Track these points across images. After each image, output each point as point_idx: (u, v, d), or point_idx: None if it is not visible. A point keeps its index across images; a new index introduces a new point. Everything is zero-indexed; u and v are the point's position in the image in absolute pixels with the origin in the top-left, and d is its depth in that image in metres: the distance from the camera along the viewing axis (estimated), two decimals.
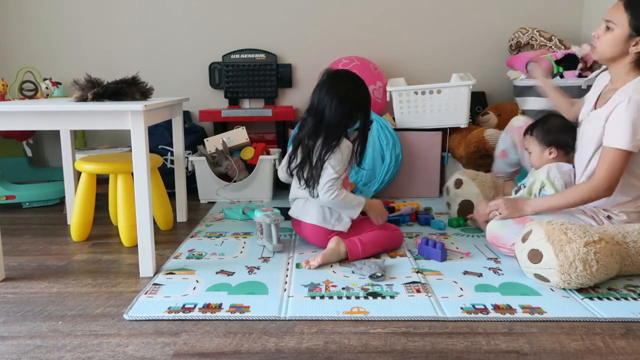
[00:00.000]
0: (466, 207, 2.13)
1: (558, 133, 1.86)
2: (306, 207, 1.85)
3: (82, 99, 1.75)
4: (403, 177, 2.65)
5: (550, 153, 1.87)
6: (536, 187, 1.82)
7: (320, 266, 1.70)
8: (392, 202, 2.32)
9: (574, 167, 1.82)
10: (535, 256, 1.49)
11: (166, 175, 2.37)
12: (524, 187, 1.90)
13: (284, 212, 1.98)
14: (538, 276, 1.51)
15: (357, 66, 2.73)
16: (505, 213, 1.74)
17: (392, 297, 1.47)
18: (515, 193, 1.94)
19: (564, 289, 1.49)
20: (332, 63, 2.85)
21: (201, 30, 3.02)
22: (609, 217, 1.73)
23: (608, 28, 1.62)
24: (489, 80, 3.01)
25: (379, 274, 1.58)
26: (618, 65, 1.65)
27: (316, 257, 1.71)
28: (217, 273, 1.66)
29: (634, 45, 1.59)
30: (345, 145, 1.78)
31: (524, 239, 1.55)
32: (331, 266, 1.71)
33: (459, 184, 2.18)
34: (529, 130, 1.94)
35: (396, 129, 2.61)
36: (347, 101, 1.75)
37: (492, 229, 1.77)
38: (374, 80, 2.74)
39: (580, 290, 1.49)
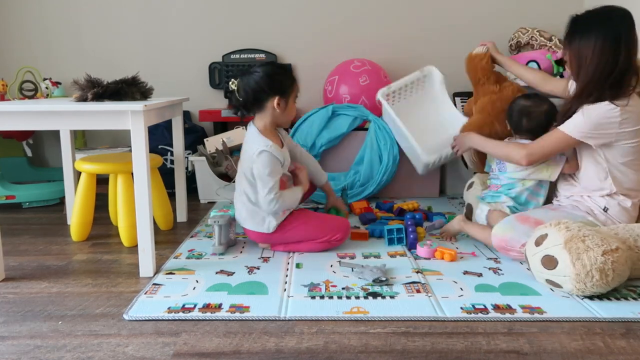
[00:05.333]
0: (469, 211, 2.12)
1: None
2: (239, 211, 1.88)
3: (82, 99, 1.75)
4: (403, 177, 2.64)
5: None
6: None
7: None
8: (375, 211, 2.34)
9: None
10: (549, 262, 1.47)
11: (166, 175, 2.36)
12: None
13: None
14: (550, 282, 1.49)
15: (368, 70, 2.73)
16: (455, 147, 2.07)
17: (392, 297, 1.46)
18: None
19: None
20: (342, 63, 2.83)
21: (201, 30, 3.02)
22: (605, 210, 1.71)
23: None
24: None
25: (383, 278, 1.56)
26: None
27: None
28: (217, 273, 1.66)
29: None
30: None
31: (537, 243, 1.52)
32: (331, 266, 1.71)
33: (469, 186, 2.18)
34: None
35: None
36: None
37: (499, 232, 1.74)
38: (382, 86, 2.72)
39: None
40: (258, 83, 1.74)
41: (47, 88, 2.38)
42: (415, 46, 3.02)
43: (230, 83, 1.79)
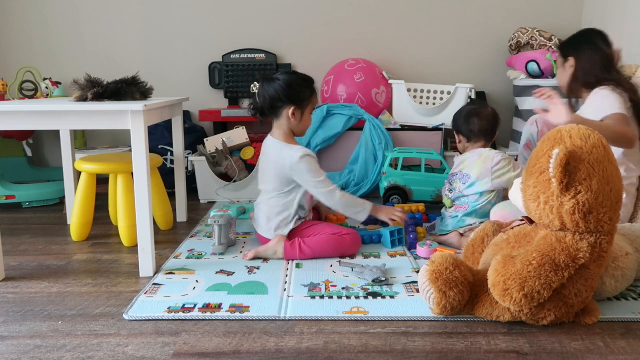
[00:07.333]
0: None
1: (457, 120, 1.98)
2: (257, 216, 1.91)
3: (82, 99, 1.75)
4: None
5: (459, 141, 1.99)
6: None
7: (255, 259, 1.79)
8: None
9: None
10: None
11: (166, 175, 2.37)
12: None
13: None
14: None
15: (363, 68, 2.74)
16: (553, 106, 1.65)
17: (392, 297, 1.47)
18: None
19: None
20: (337, 64, 2.84)
21: (201, 30, 3.02)
22: None
23: None
24: (489, 80, 3.01)
25: (383, 278, 1.56)
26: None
27: (251, 250, 1.80)
28: (217, 273, 1.66)
29: None
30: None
31: None
32: (331, 266, 1.71)
33: None
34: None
35: (390, 129, 2.61)
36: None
37: (498, 209, 1.76)
38: (378, 85, 2.74)
39: None
40: (277, 91, 1.77)
41: (47, 88, 2.38)
42: (414, 47, 3.03)
43: (252, 86, 1.83)
